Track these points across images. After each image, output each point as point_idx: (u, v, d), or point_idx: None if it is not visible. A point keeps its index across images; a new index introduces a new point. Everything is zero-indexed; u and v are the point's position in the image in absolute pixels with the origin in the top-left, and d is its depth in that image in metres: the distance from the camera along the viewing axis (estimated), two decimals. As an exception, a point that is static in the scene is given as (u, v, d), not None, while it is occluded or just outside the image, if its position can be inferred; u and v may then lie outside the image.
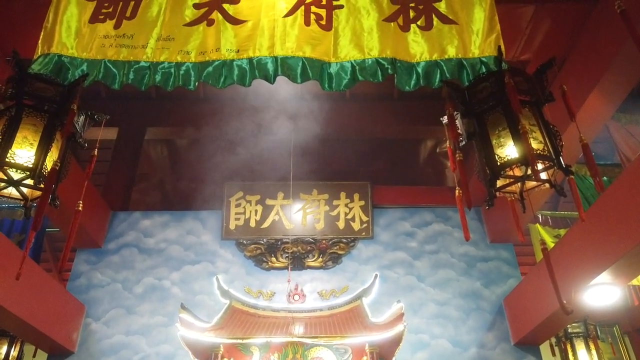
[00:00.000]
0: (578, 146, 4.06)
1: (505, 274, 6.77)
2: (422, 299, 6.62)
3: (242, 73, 3.35)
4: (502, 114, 2.99)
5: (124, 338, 6.30)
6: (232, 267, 6.91)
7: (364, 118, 8.27)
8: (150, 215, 7.35)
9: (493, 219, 6.97)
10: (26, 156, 2.82)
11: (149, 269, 6.84)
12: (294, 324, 5.95)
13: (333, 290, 6.71)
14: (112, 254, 6.96)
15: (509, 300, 6.40)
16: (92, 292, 6.63)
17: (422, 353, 6.21)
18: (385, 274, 6.82)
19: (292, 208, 7.28)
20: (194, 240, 7.13)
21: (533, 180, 2.92)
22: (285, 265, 6.83)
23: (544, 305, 5.37)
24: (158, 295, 6.63)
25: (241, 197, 7.36)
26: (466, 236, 3.00)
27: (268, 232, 7.14)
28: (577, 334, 6.29)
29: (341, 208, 7.30)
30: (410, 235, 7.19)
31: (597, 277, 4.29)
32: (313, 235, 7.11)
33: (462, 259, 6.93)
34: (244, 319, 6.14)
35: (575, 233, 4.79)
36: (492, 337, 6.31)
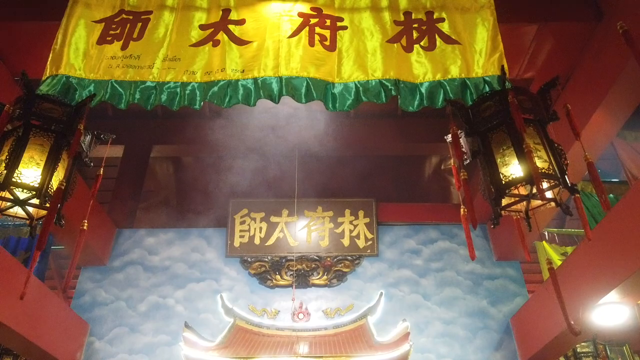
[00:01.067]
0: (583, 164, 4.05)
1: (512, 292, 6.69)
2: (428, 317, 6.55)
3: (247, 93, 3.39)
4: (506, 133, 3.00)
5: (128, 357, 6.25)
6: (236, 284, 6.88)
7: (369, 135, 8.30)
8: (155, 232, 7.35)
9: (499, 236, 6.92)
10: (32, 176, 2.84)
11: (153, 287, 6.82)
12: (298, 343, 5.90)
13: (338, 309, 6.65)
14: (116, 271, 6.95)
15: (516, 319, 6.31)
16: (96, 310, 6.60)
17: (429, 374, 6.12)
18: (391, 292, 6.77)
19: (296, 225, 7.26)
20: (199, 257, 7.12)
21: (538, 199, 2.91)
22: (289, 283, 6.79)
23: (552, 324, 5.29)
24: (162, 314, 6.60)
25: (246, 214, 7.36)
26: (472, 255, 2.98)
27: (272, 249, 7.12)
28: (586, 354, 6.16)
29: (346, 225, 7.28)
30: (415, 252, 7.14)
31: (605, 296, 4.23)
32: (318, 253, 7.07)
33: (468, 276, 6.87)
34: (248, 337, 6.09)
35: (582, 251, 4.74)
36: (499, 356, 6.22)
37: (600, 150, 5.13)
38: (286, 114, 8.04)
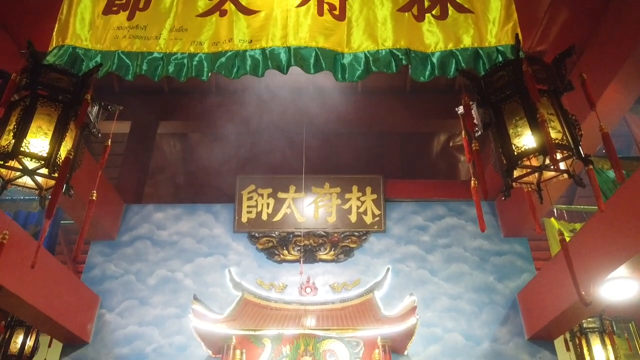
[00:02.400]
0: (596, 138, 3.99)
1: (520, 269, 6.69)
2: (434, 292, 6.58)
3: (255, 63, 3.34)
4: (519, 104, 2.94)
5: (138, 329, 6.35)
6: (244, 259, 6.93)
7: (377, 111, 8.23)
8: (163, 208, 7.39)
9: (507, 212, 6.89)
10: (41, 145, 2.84)
11: (161, 261, 6.89)
12: (306, 316, 5.95)
13: (345, 284, 6.69)
14: (125, 246, 7.02)
15: (523, 295, 6.33)
16: (106, 284, 6.69)
17: (435, 347, 6.17)
18: (398, 267, 6.79)
19: (304, 201, 7.27)
20: (207, 233, 7.16)
21: (551, 171, 2.87)
22: (297, 258, 6.83)
23: (559, 299, 5.30)
24: (171, 287, 6.68)
25: (253, 190, 7.36)
26: (482, 227, 2.95)
27: (280, 225, 7.14)
28: (592, 329, 6.18)
29: (353, 201, 7.27)
30: (422, 229, 7.14)
31: (614, 271, 4.21)
32: (325, 229, 7.09)
33: (476, 253, 6.87)
34: (256, 311, 6.16)
35: (593, 226, 4.71)
36: (505, 331, 6.25)
37: (613, 124, 5.04)
38: (294, 90, 7.98)
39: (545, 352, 6.07)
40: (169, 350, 6.21)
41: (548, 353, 6.07)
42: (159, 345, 6.24)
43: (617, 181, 5.54)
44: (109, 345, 6.24)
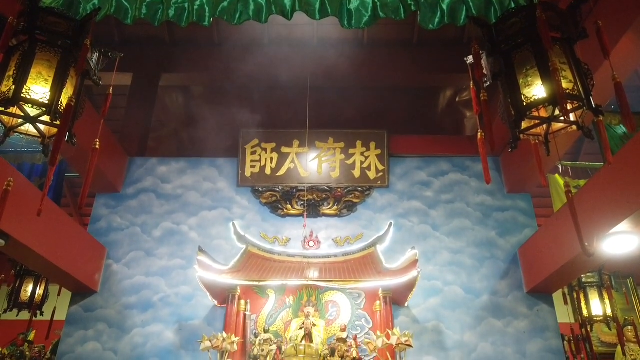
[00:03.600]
0: (607, 91, 3.91)
1: (522, 224, 6.73)
2: (436, 247, 6.66)
3: (258, 8, 3.22)
4: (530, 52, 2.86)
5: (144, 279, 6.49)
6: (248, 213, 6.98)
7: (382, 65, 8.05)
8: (167, 161, 7.39)
9: (512, 168, 6.86)
10: (41, 92, 2.79)
11: (166, 214, 6.95)
12: (309, 268, 6.04)
13: (348, 238, 6.76)
14: (130, 198, 7.07)
15: (524, 249, 6.39)
16: (112, 235, 6.79)
17: (435, 299, 6.31)
18: (400, 222, 6.84)
19: (307, 156, 7.24)
20: (210, 186, 7.19)
21: (560, 122, 2.82)
22: (300, 212, 6.88)
23: (560, 254, 5.35)
24: (176, 239, 6.77)
25: (257, 144, 7.33)
26: (487, 179, 2.94)
27: (283, 179, 7.15)
28: (591, 284, 6.29)
29: (357, 157, 7.24)
30: (426, 184, 7.14)
31: (617, 226, 4.22)
32: (328, 184, 7.10)
33: (478, 208, 6.89)
34: (260, 263, 6.25)
35: (598, 181, 4.68)
36: (505, 285, 6.36)
37: (626, 76, 4.92)
38: (298, 43, 7.79)
39: (543, 305, 6.20)
40: (175, 299, 6.37)
41: (546, 306, 6.19)
42: (166, 295, 6.40)
43: (627, 131, 5.47)
44: (116, 295, 6.40)
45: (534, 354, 5.93)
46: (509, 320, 6.14)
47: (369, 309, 6.22)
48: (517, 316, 6.16)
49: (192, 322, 6.22)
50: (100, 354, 6.03)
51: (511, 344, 6.00)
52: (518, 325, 6.10)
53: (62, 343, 6.12)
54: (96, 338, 6.13)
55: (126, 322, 6.23)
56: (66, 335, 6.15)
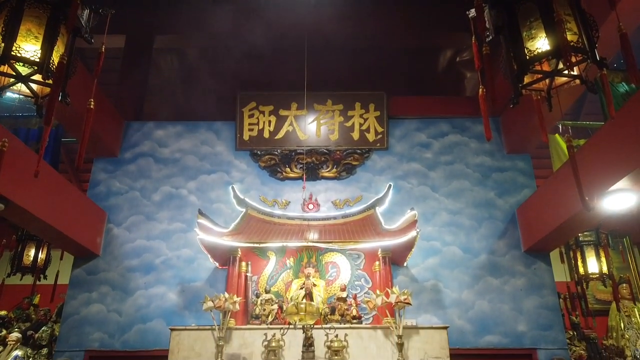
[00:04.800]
0: (611, 45, 3.83)
1: (521, 184, 6.74)
2: (435, 208, 6.69)
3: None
4: (534, 4, 2.78)
5: (146, 242, 6.55)
6: (247, 177, 6.97)
7: (381, 25, 7.87)
8: (164, 125, 7.32)
9: (511, 128, 6.81)
10: (32, 50, 2.73)
11: (165, 178, 6.94)
12: (308, 230, 6.08)
13: (347, 200, 6.78)
14: (128, 163, 7.04)
15: (523, 209, 6.43)
16: (112, 200, 6.80)
17: (433, 259, 6.38)
18: (399, 184, 6.84)
19: (306, 119, 7.17)
20: (209, 150, 7.15)
21: (563, 76, 2.77)
22: (299, 175, 6.87)
23: (558, 213, 5.38)
24: (176, 203, 6.79)
25: (254, 107, 7.23)
26: (488, 136, 2.91)
27: (282, 142, 7.10)
28: (588, 242, 6.37)
29: (356, 119, 7.17)
30: (425, 146, 7.10)
31: (616, 183, 4.22)
32: (327, 146, 7.06)
33: (478, 169, 6.89)
34: (260, 225, 6.29)
35: (598, 139, 4.65)
36: (502, 244, 6.43)
37: (631, 32, 4.80)
38: (295, 1, 7.58)
39: (540, 263, 6.28)
40: (177, 262, 6.44)
41: (543, 264, 6.28)
42: (167, 258, 6.46)
43: (632, 84, 5.40)
44: (118, 258, 6.47)
45: (530, 310, 6.05)
46: (506, 278, 6.23)
47: (368, 269, 6.30)
48: (514, 274, 6.25)
49: (194, 283, 6.31)
50: (104, 315, 6.15)
51: (508, 301, 6.11)
52: (515, 283, 6.20)
53: (66, 305, 6.22)
54: (100, 300, 6.23)
55: (129, 284, 6.32)
56: (70, 297, 6.26)
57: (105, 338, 6.04)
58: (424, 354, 5.06)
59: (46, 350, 6.54)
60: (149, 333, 6.04)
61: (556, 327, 5.97)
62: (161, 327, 6.02)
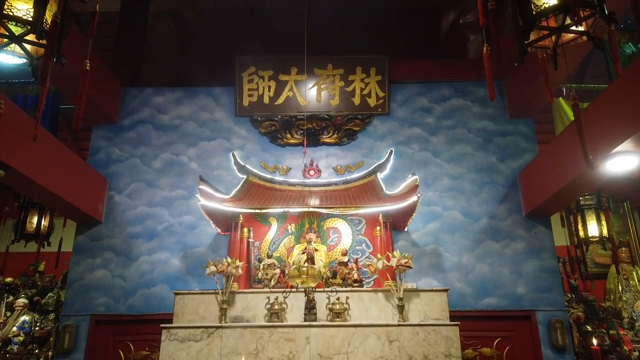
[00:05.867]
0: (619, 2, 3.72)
1: (523, 149, 6.70)
2: (436, 173, 6.67)
3: None
4: (542, -45, 2.67)
5: (148, 209, 6.57)
6: (247, 143, 6.93)
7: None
8: (162, 91, 7.23)
9: (515, 92, 6.71)
10: (24, 9, 2.65)
11: (165, 145, 6.91)
12: (310, 196, 6.09)
13: (348, 166, 6.76)
14: (127, 130, 7.00)
15: (524, 173, 6.41)
16: (112, 167, 6.79)
17: (434, 223, 6.41)
18: (401, 149, 6.81)
19: (306, 84, 7.07)
20: (208, 117, 7.08)
21: (570, 32, 2.70)
22: (300, 141, 6.82)
23: (560, 176, 5.36)
24: (176, 170, 6.78)
25: (253, 72, 7.12)
26: (491, 95, 2.85)
27: (282, 108, 7.02)
28: (589, 206, 6.37)
29: (357, 83, 7.07)
30: (427, 110, 7.03)
31: (620, 145, 4.19)
32: (328, 112, 6.98)
33: (480, 134, 6.83)
34: (261, 192, 6.29)
35: (603, 100, 4.58)
36: (503, 209, 6.44)
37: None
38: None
39: (541, 227, 6.31)
40: (179, 228, 6.48)
41: (544, 228, 6.30)
42: (170, 224, 6.50)
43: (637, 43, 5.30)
44: (121, 225, 6.51)
45: (530, 273, 6.12)
46: (506, 242, 6.28)
47: (369, 235, 6.34)
48: (514, 238, 6.29)
49: (196, 249, 6.37)
50: (109, 281, 6.23)
51: (508, 264, 6.17)
52: (515, 247, 6.25)
53: (71, 271, 6.30)
54: (104, 266, 6.30)
55: (132, 250, 6.38)
56: (74, 263, 6.33)
57: (110, 303, 6.14)
58: (424, 315, 5.15)
59: (53, 315, 6.66)
60: (154, 298, 6.14)
61: (555, 290, 6.05)
62: (165, 292, 6.11)
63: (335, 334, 4.80)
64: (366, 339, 4.77)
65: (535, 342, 5.86)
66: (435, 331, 4.81)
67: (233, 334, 4.83)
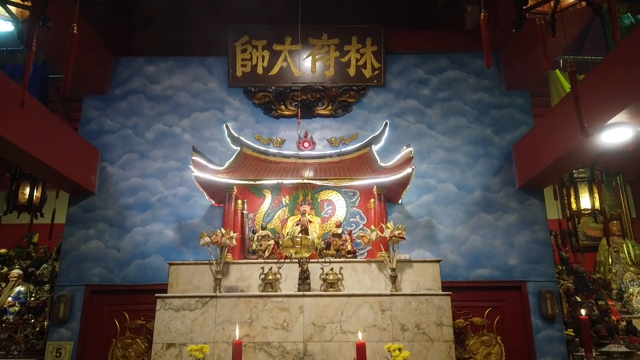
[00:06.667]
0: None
1: (518, 121, 6.67)
2: (431, 145, 6.65)
3: None
4: None
5: (141, 180, 6.53)
6: (241, 114, 6.86)
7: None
8: (154, 61, 7.10)
9: (511, 63, 6.63)
10: (7, -32, 2.56)
11: (158, 116, 6.82)
12: (304, 168, 6.07)
13: (342, 138, 6.72)
14: (119, 100, 6.89)
15: (519, 146, 6.40)
16: (104, 138, 6.71)
17: (428, 196, 6.43)
18: (396, 122, 6.76)
19: (300, 54, 6.95)
20: (201, 87, 6.98)
21: (569, -2, 2.65)
22: (294, 113, 6.76)
23: (554, 148, 5.36)
24: (170, 141, 6.72)
25: (247, 41, 6.98)
26: (488, 63, 2.81)
27: (276, 79, 6.92)
28: (582, 179, 6.41)
29: (352, 54, 6.96)
30: (423, 82, 6.96)
31: (615, 116, 4.17)
32: (323, 83, 6.90)
33: (475, 106, 6.79)
34: (255, 164, 6.26)
35: (600, 71, 4.53)
36: (497, 181, 6.45)
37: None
38: None
39: (534, 199, 6.33)
40: (172, 200, 6.46)
41: (536, 200, 6.33)
42: (163, 196, 6.48)
43: (635, 13, 5.23)
44: (114, 196, 6.48)
45: (522, 244, 6.18)
46: (499, 214, 6.31)
47: (363, 207, 6.36)
48: (507, 210, 6.33)
49: (190, 221, 6.36)
50: (103, 252, 6.24)
51: (500, 236, 6.23)
52: (508, 219, 6.29)
53: (65, 242, 6.29)
54: (98, 237, 6.30)
55: (126, 221, 6.37)
56: (68, 234, 6.31)
57: (105, 273, 6.16)
58: (416, 286, 5.21)
59: (48, 286, 6.70)
60: (148, 268, 6.16)
61: (546, 261, 6.12)
62: (159, 263, 6.14)
63: (328, 303, 4.85)
64: (359, 309, 4.83)
65: (526, 311, 5.97)
66: (427, 301, 4.87)
67: (227, 303, 4.87)
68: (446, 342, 4.73)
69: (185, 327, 4.79)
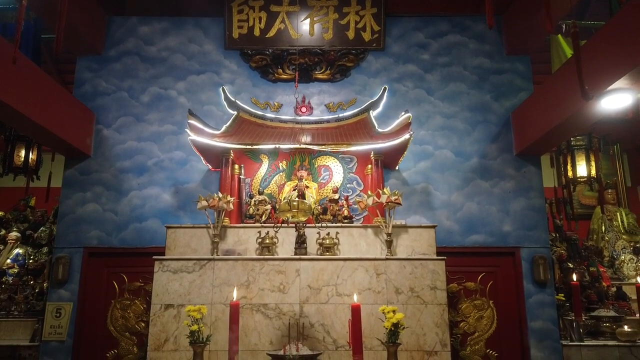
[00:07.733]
0: None
1: (518, 87, 6.60)
2: (429, 111, 6.60)
3: None
4: None
5: (137, 144, 6.48)
6: (237, 78, 6.75)
7: None
8: (149, 21, 6.93)
9: (514, 26, 6.50)
10: None
11: (153, 78, 6.71)
12: (301, 133, 6.03)
13: (340, 103, 6.65)
14: (113, 61, 6.76)
15: (518, 113, 6.36)
16: (99, 100, 6.62)
17: (425, 162, 6.42)
18: (395, 87, 6.68)
19: (298, 16, 6.79)
20: (197, 49, 6.84)
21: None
22: (291, 77, 6.65)
23: (551, 116, 5.33)
24: (165, 105, 6.63)
25: (243, 2, 6.80)
26: (490, 22, 2.76)
27: (274, 41, 6.79)
28: (579, 147, 6.40)
29: (351, 16, 6.80)
30: (423, 46, 6.83)
31: (616, 82, 4.12)
32: (321, 46, 6.77)
33: (475, 71, 6.70)
34: (252, 128, 6.21)
35: (602, 36, 4.45)
36: (495, 148, 6.44)
37: None
38: None
39: (530, 166, 6.34)
40: (169, 164, 6.43)
41: (533, 167, 6.34)
42: (159, 160, 6.45)
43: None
44: (110, 159, 6.44)
45: (517, 211, 6.23)
46: (495, 181, 6.33)
47: (360, 173, 6.36)
48: (503, 177, 6.34)
49: (187, 185, 6.36)
50: (100, 214, 6.25)
51: (496, 202, 6.26)
52: (504, 186, 6.31)
53: (61, 204, 6.29)
54: (95, 200, 6.30)
55: (122, 185, 6.36)
56: (65, 197, 6.31)
57: (102, 236, 6.19)
58: (411, 250, 5.27)
59: (46, 249, 6.75)
60: (145, 231, 6.19)
61: (540, 228, 6.19)
62: (157, 226, 6.16)
63: (324, 267, 4.91)
64: (354, 272, 4.89)
65: (518, 277, 6.07)
66: (422, 265, 4.94)
67: (225, 266, 4.93)
68: (439, 305, 4.82)
69: (183, 288, 4.86)
